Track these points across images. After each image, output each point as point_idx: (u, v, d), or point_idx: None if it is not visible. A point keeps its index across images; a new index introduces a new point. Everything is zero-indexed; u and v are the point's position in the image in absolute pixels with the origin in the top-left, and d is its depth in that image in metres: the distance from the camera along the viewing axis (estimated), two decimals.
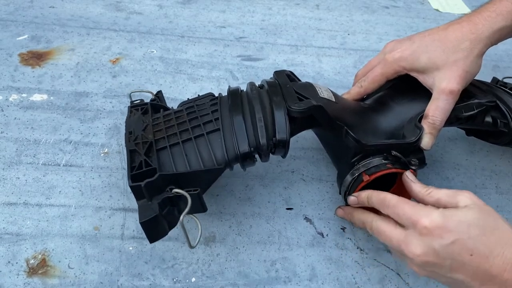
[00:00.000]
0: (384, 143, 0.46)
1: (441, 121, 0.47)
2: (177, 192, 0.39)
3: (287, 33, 0.78)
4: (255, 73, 0.69)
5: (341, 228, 0.52)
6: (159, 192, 0.40)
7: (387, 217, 0.43)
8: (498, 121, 0.50)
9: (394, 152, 0.47)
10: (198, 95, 0.52)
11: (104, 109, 0.60)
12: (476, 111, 0.50)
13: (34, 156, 0.53)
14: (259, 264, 0.48)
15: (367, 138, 0.46)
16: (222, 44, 0.73)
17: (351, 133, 0.45)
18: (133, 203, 0.51)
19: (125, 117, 0.49)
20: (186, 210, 0.38)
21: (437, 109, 0.48)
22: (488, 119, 0.51)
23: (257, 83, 0.53)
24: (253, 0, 0.85)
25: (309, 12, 0.84)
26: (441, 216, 0.38)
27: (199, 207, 0.42)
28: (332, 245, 0.51)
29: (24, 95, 0.60)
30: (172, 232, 0.49)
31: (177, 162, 0.43)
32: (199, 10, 0.80)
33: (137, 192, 0.39)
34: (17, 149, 0.54)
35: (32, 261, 0.45)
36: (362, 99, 0.55)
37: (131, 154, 0.43)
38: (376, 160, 0.46)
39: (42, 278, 0.44)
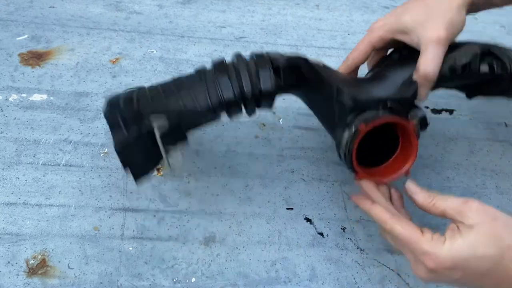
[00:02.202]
0: (380, 97, 0.45)
1: (432, 70, 0.45)
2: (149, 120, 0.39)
3: (287, 33, 0.78)
4: None
5: (341, 228, 0.52)
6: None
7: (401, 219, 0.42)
8: (494, 65, 0.48)
9: (390, 103, 0.45)
10: None
11: None
12: (470, 59, 0.48)
13: (34, 156, 0.53)
14: (259, 264, 0.48)
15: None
16: (222, 44, 0.73)
17: (344, 89, 0.44)
18: (133, 203, 0.51)
19: None
20: (158, 132, 0.38)
21: (426, 60, 0.45)
22: (484, 67, 0.48)
23: None
24: (253, 0, 0.85)
25: (309, 12, 0.84)
26: (448, 256, 0.37)
27: (179, 135, 0.41)
28: (332, 245, 0.51)
29: (24, 95, 0.60)
30: (172, 232, 0.49)
31: (155, 102, 0.43)
32: (199, 10, 0.80)
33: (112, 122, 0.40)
34: (17, 149, 0.54)
35: (32, 261, 0.45)
36: None
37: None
38: (373, 112, 0.44)
39: (42, 278, 0.44)
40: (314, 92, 0.49)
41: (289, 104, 0.62)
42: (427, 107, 0.66)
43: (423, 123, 0.46)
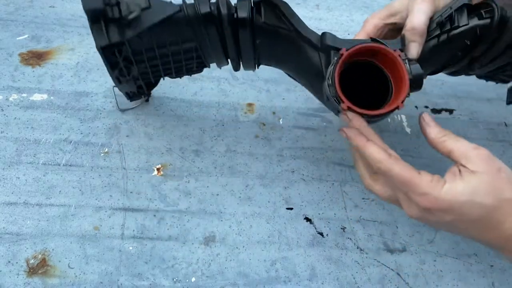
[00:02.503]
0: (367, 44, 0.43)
1: (419, 23, 0.44)
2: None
3: None
4: (255, 73, 0.69)
5: (341, 228, 0.52)
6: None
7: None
8: (482, 12, 0.46)
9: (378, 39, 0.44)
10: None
11: (104, 109, 0.60)
12: (452, 9, 0.46)
13: (34, 156, 0.53)
14: (259, 264, 0.48)
15: None
16: None
17: (327, 33, 0.44)
18: (133, 203, 0.51)
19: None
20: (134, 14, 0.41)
21: (413, 16, 0.45)
22: (473, 21, 0.46)
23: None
24: None
25: (309, 12, 0.84)
26: (446, 198, 0.38)
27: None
28: (332, 245, 0.51)
29: (24, 95, 0.60)
30: (172, 232, 0.49)
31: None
32: None
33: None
34: (17, 149, 0.54)
35: (32, 261, 0.45)
36: None
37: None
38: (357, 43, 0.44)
39: (42, 278, 0.44)
40: (295, 46, 0.47)
41: (289, 104, 0.62)
42: (427, 107, 0.66)
43: (417, 82, 0.44)
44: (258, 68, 0.52)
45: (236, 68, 0.51)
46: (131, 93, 0.53)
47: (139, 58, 0.47)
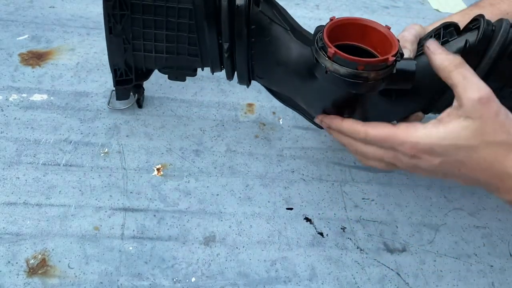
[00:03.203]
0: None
1: (408, 34, 0.47)
2: None
3: None
4: None
5: (341, 228, 0.52)
6: None
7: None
8: (470, 26, 0.46)
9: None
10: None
11: (104, 109, 0.60)
12: (441, 27, 0.47)
13: (34, 156, 0.53)
14: (259, 264, 0.48)
15: None
16: None
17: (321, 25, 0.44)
18: (133, 203, 0.51)
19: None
20: None
21: (403, 32, 0.48)
22: (461, 36, 0.46)
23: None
24: None
25: (309, 12, 0.84)
26: (424, 142, 0.39)
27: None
28: (332, 245, 0.51)
29: (24, 95, 0.60)
30: (172, 232, 0.49)
31: None
32: None
33: None
34: (17, 149, 0.54)
35: (32, 261, 0.45)
36: None
37: None
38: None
39: (42, 278, 0.44)
40: (288, 44, 0.47)
41: None
42: None
43: (408, 77, 0.43)
44: (250, 81, 0.52)
45: (229, 77, 0.51)
46: (119, 72, 0.53)
47: (137, 14, 0.48)
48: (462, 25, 0.47)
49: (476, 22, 0.46)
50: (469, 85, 0.38)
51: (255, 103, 0.64)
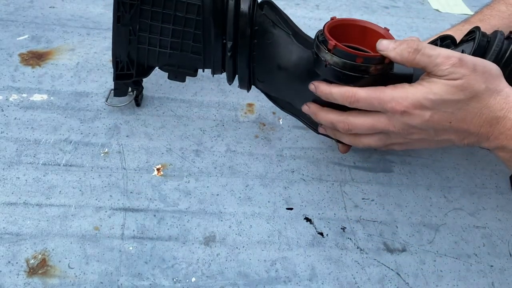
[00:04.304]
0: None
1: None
2: None
3: None
4: None
5: (341, 228, 0.52)
6: None
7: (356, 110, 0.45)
8: (466, 38, 0.50)
9: None
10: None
11: (104, 109, 0.60)
12: (438, 39, 0.51)
13: (34, 156, 0.53)
14: (259, 264, 0.48)
15: None
16: None
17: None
18: (133, 203, 0.51)
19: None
20: None
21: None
22: (458, 46, 0.50)
23: None
24: None
25: (309, 12, 0.84)
26: (412, 96, 0.41)
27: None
28: (332, 245, 0.51)
29: (24, 95, 0.60)
30: (172, 232, 0.49)
31: None
32: None
33: None
34: (17, 149, 0.54)
35: (32, 261, 0.45)
36: None
37: None
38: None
39: (42, 278, 0.44)
40: (289, 47, 0.48)
41: None
42: None
43: (406, 81, 0.45)
44: (251, 85, 0.53)
45: (230, 79, 0.52)
46: (120, 65, 0.53)
47: (146, 5, 0.48)
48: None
49: (472, 34, 0.48)
50: (437, 60, 0.41)
51: (255, 103, 0.64)
